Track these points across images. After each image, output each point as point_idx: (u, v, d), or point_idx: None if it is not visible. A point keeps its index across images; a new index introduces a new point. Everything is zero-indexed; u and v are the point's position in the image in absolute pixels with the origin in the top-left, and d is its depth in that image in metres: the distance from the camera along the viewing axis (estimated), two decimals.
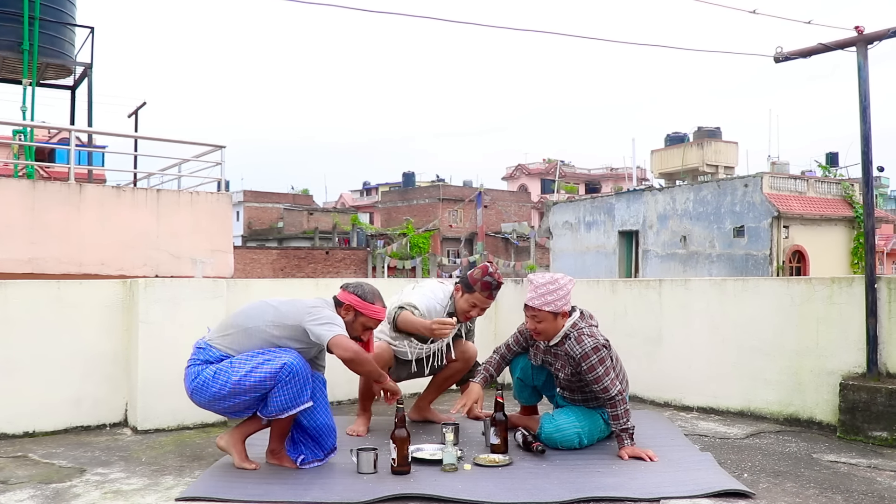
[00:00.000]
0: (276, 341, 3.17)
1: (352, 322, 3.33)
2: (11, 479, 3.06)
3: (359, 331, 3.36)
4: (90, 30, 12.84)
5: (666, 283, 4.90)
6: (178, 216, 10.27)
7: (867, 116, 4.09)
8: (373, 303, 3.36)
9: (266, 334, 3.18)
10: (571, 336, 3.48)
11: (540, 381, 3.82)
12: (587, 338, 3.44)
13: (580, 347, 3.42)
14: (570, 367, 3.50)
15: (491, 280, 3.86)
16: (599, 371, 3.39)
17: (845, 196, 22.23)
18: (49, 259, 9.17)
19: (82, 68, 12.95)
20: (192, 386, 3.15)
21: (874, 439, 3.70)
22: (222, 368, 3.11)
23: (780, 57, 4.48)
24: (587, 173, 53.14)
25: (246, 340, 3.17)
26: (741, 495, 2.84)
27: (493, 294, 3.90)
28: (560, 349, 3.53)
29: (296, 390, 3.09)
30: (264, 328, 3.19)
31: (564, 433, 3.47)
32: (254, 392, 3.08)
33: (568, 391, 3.64)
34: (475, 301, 3.89)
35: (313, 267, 30.31)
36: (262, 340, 3.17)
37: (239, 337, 3.19)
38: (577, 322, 3.52)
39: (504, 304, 5.63)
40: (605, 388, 3.39)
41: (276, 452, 3.28)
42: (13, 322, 3.85)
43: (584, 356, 3.41)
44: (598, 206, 25.22)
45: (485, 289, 3.85)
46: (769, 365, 4.28)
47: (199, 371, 3.14)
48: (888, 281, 3.90)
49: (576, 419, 3.52)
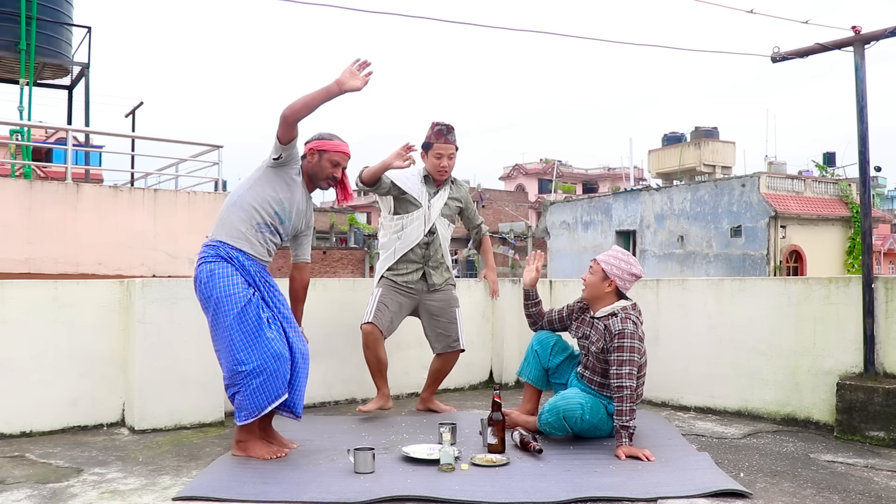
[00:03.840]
0: (255, 203, 3.39)
1: (318, 162, 3.50)
2: (8, 479, 3.05)
3: (328, 169, 3.51)
4: (87, 29, 12.84)
5: (663, 283, 4.91)
6: (175, 216, 10.27)
7: (864, 116, 4.09)
8: (331, 139, 3.54)
9: (245, 203, 3.40)
10: (619, 315, 3.60)
11: (554, 363, 3.89)
12: (631, 323, 3.56)
13: (622, 325, 3.54)
14: (604, 341, 3.60)
15: (440, 126, 4.24)
16: (625, 356, 3.46)
17: (842, 196, 22.27)
18: (46, 259, 9.16)
19: (79, 68, 12.94)
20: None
21: (871, 439, 3.71)
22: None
23: (778, 57, 4.49)
24: (584, 173, 53.14)
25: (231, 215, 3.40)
26: (738, 495, 2.84)
27: (450, 137, 4.25)
28: (602, 323, 3.65)
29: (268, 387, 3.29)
30: (242, 195, 3.41)
31: (569, 401, 3.54)
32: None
33: (589, 370, 3.70)
34: (438, 151, 4.24)
35: (311, 266, 30.26)
36: (244, 211, 3.39)
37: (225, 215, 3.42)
38: (629, 308, 3.66)
39: (502, 302, 5.63)
40: (620, 376, 3.43)
41: (243, 443, 3.37)
42: (10, 322, 3.85)
43: (620, 333, 3.51)
44: (595, 206, 25.25)
45: (439, 136, 4.23)
46: (766, 365, 4.28)
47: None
48: (885, 281, 3.91)
49: (580, 393, 3.62)
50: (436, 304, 4.34)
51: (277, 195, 3.43)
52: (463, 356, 4.50)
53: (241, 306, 3.27)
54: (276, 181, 3.44)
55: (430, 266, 4.32)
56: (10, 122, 12.02)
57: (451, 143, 4.25)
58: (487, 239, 4.79)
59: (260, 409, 3.27)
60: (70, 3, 12.94)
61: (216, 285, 3.29)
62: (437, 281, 4.33)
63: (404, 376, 4.97)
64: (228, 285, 3.29)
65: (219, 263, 3.34)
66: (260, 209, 3.40)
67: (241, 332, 3.25)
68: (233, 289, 3.29)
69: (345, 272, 30.50)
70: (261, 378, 3.24)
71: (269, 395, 3.28)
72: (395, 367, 4.53)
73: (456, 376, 5.20)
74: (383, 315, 4.17)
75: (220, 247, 3.37)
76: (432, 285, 4.32)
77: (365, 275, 30.13)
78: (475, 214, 4.63)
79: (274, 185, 3.43)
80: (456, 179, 4.47)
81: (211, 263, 3.34)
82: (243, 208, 3.39)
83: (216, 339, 3.34)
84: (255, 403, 3.26)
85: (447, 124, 4.26)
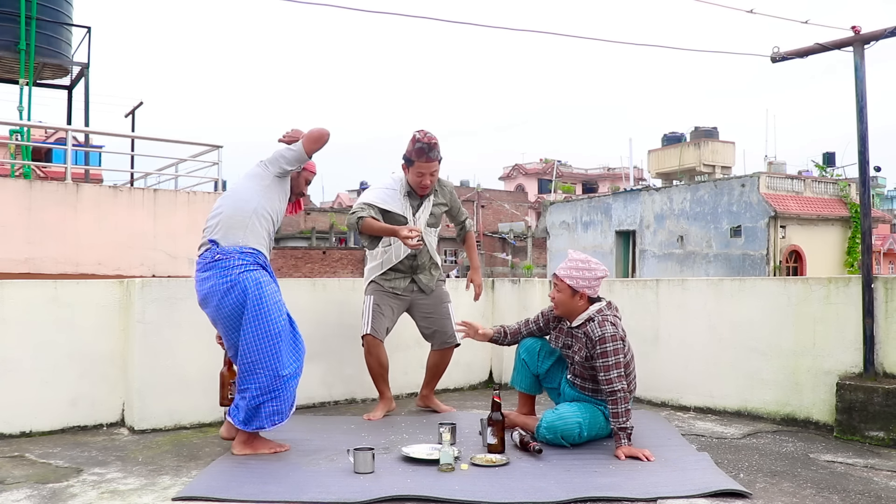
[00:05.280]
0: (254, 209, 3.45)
1: (297, 178, 3.64)
2: (8, 479, 3.05)
3: (303, 186, 3.65)
4: (87, 30, 12.83)
5: (663, 283, 4.91)
6: (175, 216, 10.27)
7: (864, 116, 4.09)
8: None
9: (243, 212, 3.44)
10: (596, 319, 3.55)
11: (543, 368, 3.85)
12: (609, 325, 3.51)
13: (600, 330, 3.48)
14: (587, 349, 3.56)
15: (422, 144, 4.04)
16: (610, 360, 3.43)
17: (842, 196, 22.26)
18: (46, 259, 9.16)
19: (79, 68, 12.93)
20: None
21: (871, 439, 3.71)
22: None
23: (777, 57, 4.49)
24: (584, 173, 53.13)
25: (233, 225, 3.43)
26: (738, 495, 2.84)
27: (431, 155, 4.06)
28: (581, 331, 3.60)
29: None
30: (261, 203, 3.47)
31: (566, 421, 3.49)
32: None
33: (580, 378, 3.66)
34: (420, 170, 4.09)
35: (310, 267, 30.28)
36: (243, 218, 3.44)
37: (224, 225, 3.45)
38: (604, 309, 3.60)
39: (502, 302, 5.63)
40: (610, 381, 3.41)
41: (249, 441, 3.41)
42: (9, 322, 3.84)
43: (601, 339, 3.46)
44: (595, 206, 25.23)
45: (420, 155, 4.05)
46: (766, 365, 4.28)
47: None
48: (885, 281, 3.91)
49: (578, 410, 3.55)
50: (428, 301, 4.35)
51: (281, 206, 3.58)
52: (462, 356, 4.50)
53: (286, 314, 3.40)
54: (280, 192, 3.55)
55: (417, 273, 4.33)
56: (10, 122, 12.02)
57: (432, 161, 4.08)
58: (472, 236, 4.72)
59: (291, 407, 3.41)
60: (70, 3, 12.93)
61: (265, 293, 3.32)
62: (429, 283, 4.35)
63: (404, 376, 4.97)
64: (275, 293, 3.39)
65: (261, 272, 3.39)
66: (274, 219, 3.53)
67: (286, 339, 3.36)
68: (278, 296, 3.40)
69: (344, 272, 30.49)
70: (297, 379, 3.40)
71: (295, 394, 3.44)
72: (394, 367, 4.53)
73: (456, 376, 5.20)
74: (380, 322, 4.20)
75: (258, 255, 3.42)
76: (425, 288, 4.34)
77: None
78: (460, 211, 4.55)
79: (279, 195, 3.55)
80: (440, 180, 4.36)
81: (255, 272, 3.36)
82: (264, 216, 3.47)
83: (259, 346, 3.28)
84: (289, 405, 3.39)
85: (428, 141, 4.04)
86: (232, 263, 3.32)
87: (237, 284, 3.29)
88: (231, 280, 3.29)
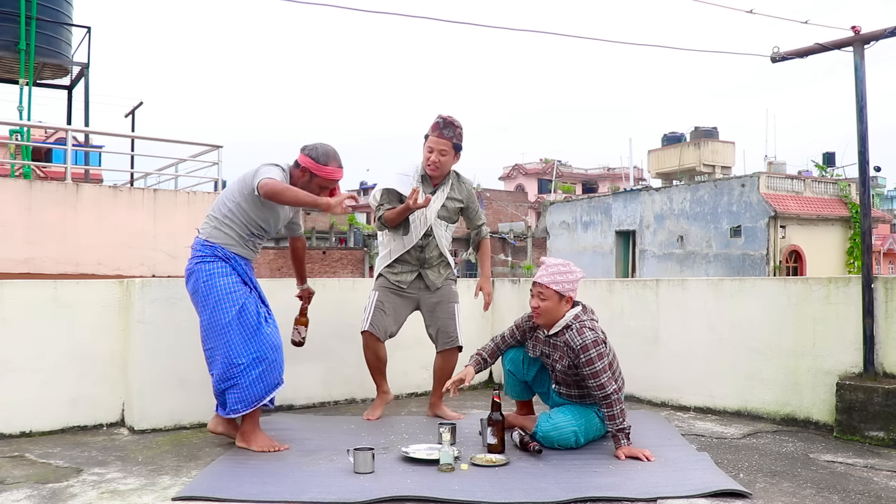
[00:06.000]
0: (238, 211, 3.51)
1: (308, 183, 3.54)
2: (8, 479, 3.05)
3: (315, 191, 3.53)
4: (87, 29, 12.83)
5: (663, 283, 4.91)
6: (174, 216, 10.27)
7: (864, 116, 4.09)
8: (327, 164, 3.54)
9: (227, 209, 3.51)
10: (573, 327, 3.49)
11: (531, 375, 3.83)
12: (588, 330, 3.45)
13: (581, 338, 3.43)
14: (569, 358, 3.51)
15: (439, 119, 4.12)
16: (598, 366, 3.39)
17: (842, 196, 22.27)
18: (46, 259, 9.16)
19: (79, 68, 12.93)
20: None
21: (871, 439, 3.71)
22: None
23: (777, 57, 4.49)
24: (584, 173, 53.12)
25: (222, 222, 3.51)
26: (738, 495, 2.84)
27: (444, 132, 4.08)
28: (560, 339, 3.55)
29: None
30: (234, 212, 3.50)
31: (562, 431, 3.47)
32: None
33: (564, 386, 3.63)
34: (430, 144, 4.11)
35: (310, 267, 30.28)
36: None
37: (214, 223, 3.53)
38: (580, 314, 3.56)
39: (502, 302, 5.63)
40: (601, 385, 3.38)
41: (247, 434, 3.48)
42: (9, 322, 3.84)
43: (583, 348, 3.41)
44: (595, 206, 25.24)
45: (434, 129, 4.11)
46: (766, 365, 4.28)
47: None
48: (885, 281, 3.91)
49: (572, 417, 3.51)
50: (433, 299, 4.31)
51: (264, 215, 3.58)
52: (462, 357, 4.48)
53: (241, 304, 3.41)
54: (262, 206, 3.54)
55: (425, 268, 4.28)
56: (10, 122, 12.02)
57: (444, 138, 4.07)
58: (487, 243, 4.55)
59: (259, 398, 3.42)
60: (70, 3, 12.93)
61: (216, 284, 3.41)
62: (435, 280, 4.30)
63: (404, 376, 4.97)
64: (228, 284, 3.42)
65: (217, 263, 3.46)
66: (250, 225, 3.55)
67: (241, 329, 3.38)
68: (232, 287, 3.42)
69: (344, 272, 30.50)
70: (260, 368, 3.40)
71: (268, 385, 3.44)
72: (394, 367, 4.53)
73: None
74: (380, 320, 4.17)
75: (218, 248, 3.49)
76: (430, 285, 4.30)
77: (365, 275, 30.13)
78: (477, 215, 4.44)
79: (260, 208, 3.54)
80: (460, 176, 4.32)
81: (210, 263, 3.46)
82: (236, 222, 3.52)
83: (211, 336, 3.44)
84: (254, 394, 3.40)
85: (446, 118, 4.10)
86: (194, 254, 3.52)
87: (192, 274, 3.50)
88: (188, 269, 3.53)
